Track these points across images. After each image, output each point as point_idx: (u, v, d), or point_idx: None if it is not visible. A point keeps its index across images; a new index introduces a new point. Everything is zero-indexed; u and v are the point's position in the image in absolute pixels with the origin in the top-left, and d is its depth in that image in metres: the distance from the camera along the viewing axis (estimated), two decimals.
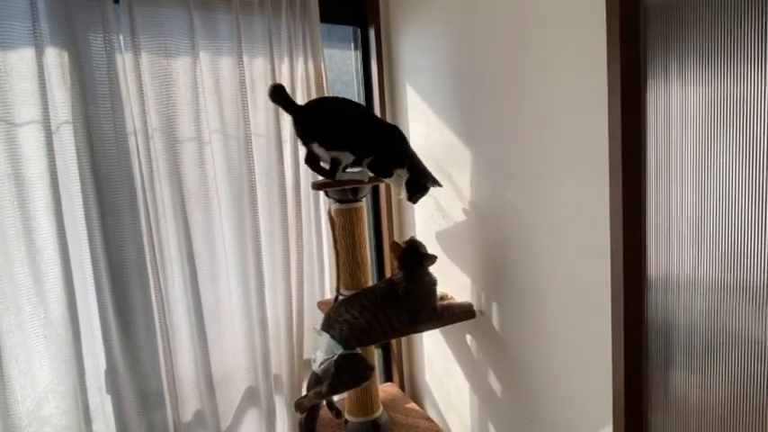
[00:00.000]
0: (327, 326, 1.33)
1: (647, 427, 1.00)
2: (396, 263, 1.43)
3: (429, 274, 1.41)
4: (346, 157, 1.32)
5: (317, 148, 1.31)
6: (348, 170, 1.36)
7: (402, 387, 1.91)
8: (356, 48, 1.80)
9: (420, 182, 1.37)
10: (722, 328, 0.85)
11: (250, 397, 1.59)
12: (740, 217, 0.80)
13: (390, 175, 1.39)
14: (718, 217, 0.83)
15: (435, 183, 1.41)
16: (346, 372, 1.23)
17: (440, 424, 1.65)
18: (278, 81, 1.50)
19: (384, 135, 1.38)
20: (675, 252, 0.91)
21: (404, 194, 1.39)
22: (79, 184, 1.29)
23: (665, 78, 0.88)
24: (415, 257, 1.39)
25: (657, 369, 0.97)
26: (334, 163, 1.32)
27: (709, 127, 0.82)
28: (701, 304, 0.88)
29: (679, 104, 0.86)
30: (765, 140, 0.75)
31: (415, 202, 1.41)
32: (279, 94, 1.30)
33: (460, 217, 1.49)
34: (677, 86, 0.86)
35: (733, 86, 0.78)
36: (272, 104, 1.48)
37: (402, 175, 1.38)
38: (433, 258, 1.40)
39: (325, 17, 1.60)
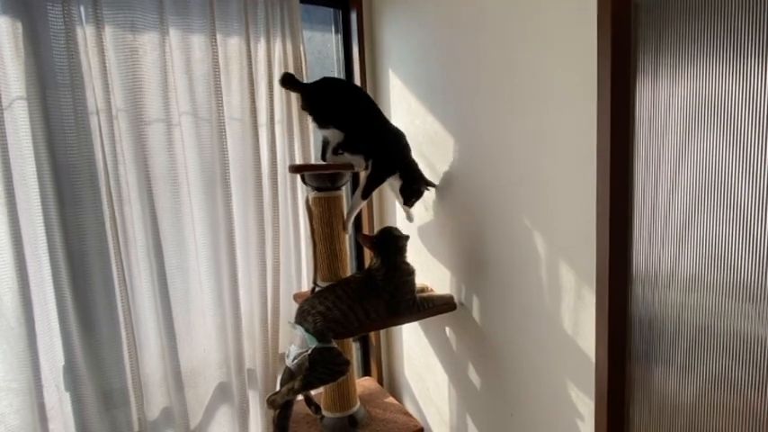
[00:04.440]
0: (301, 318, 1.27)
1: (629, 422, 0.99)
2: (372, 253, 1.38)
3: (406, 263, 1.38)
4: (334, 136, 1.35)
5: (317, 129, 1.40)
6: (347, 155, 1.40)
7: (380, 381, 1.87)
8: (337, 31, 1.73)
9: (413, 186, 1.40)
10: (706, 324, 0.84)
11: (222, 393, 1.53)
12: (727, 213, 0.78)
13: (381, 182, 1.42)
14: (704, 213, 0.82)
15: (429, 185, 1.43)
16: (321, 366, 1.17)
17: (418, 419, 1.61)
18: (253, 62, 1.44)
19: (388, 139, 1.41)
20: (662, 246, 0.89)
21: (400, 200, 1.44)
22: (35, 166, 1.20)
23: (655, 73, 0.86)
24: (390, 242, 1.36)
25: (641, 364, 0.96)
26: (324, 144, 1.39)
27: (698, 122, 0.81)
28: (686, 300, 0.86)
29: (668, 99, 0.85)
30: (753, 137, 0.74)
31: (410, 206, 1.45)
32: (290, 80, 1.39)
33: (442, 206, 1.45)
34: (666, 81, 0.85)
35: (722, 83, 0.77)
36: (247, 87, 1.43)
37: (394, 182, 1.41)
38: (405, 237, 1.39)
39: None
